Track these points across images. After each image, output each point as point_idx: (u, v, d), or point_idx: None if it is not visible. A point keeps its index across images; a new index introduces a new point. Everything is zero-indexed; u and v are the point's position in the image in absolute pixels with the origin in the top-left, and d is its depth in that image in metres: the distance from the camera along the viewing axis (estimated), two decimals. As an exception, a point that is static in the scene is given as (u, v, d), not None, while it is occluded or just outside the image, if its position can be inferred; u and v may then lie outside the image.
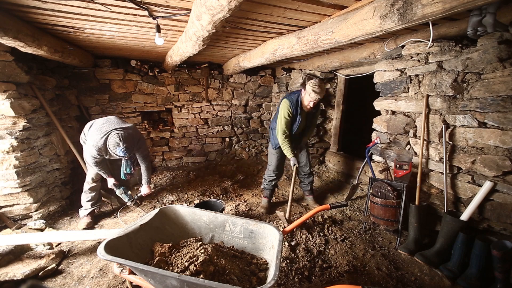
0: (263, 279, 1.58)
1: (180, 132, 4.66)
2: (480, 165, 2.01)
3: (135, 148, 2.65)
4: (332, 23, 2.01)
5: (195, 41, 2.23)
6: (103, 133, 2.48)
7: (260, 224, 1.85)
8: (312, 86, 2.55)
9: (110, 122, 2.62)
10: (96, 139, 2.48)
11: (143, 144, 2.80)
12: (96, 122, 2.67)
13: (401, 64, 2.54)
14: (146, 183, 2.94)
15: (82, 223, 2.74)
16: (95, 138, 2.49)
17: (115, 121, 2.68)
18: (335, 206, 1.92)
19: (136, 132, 2.73)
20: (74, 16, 2.09)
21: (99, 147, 2.48)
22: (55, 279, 1.98)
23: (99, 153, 2.55)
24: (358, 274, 2.04)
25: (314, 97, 2.56)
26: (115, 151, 2.44)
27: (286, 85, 4.55)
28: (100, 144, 2.47)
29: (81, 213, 2.82)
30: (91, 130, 2.61)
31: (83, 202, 2.81)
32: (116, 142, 2.40)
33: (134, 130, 2.70)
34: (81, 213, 2.82)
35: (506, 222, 1.93)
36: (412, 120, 2.52)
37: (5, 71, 2.47)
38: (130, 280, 1.62)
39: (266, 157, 4.97)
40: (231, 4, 1.44)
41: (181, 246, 1.78)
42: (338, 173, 3.94)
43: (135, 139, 2.63)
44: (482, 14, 1.77)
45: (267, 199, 3.15)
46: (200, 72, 4.55)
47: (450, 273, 1.97)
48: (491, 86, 1.90)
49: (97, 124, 2.62)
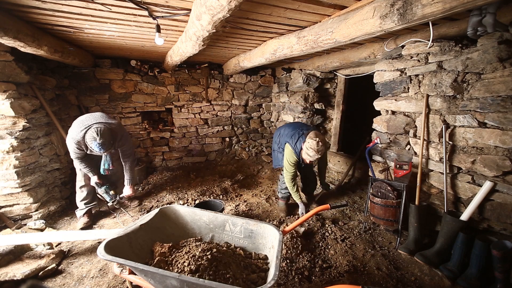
0: (263, 279, 1.57)
1: (180, 132, 4.66)
2: (480, 165, 2.01)
3: (117, 145, 2.57)
4: (332, 23, 2.01)
5: (195, 41, 2.23)
6: (83, 126, 2.40)
7: (260, 224, 1.85)
8: (307, 148, 2.46)
9: (94, 117, 2.54)
10: (75, 132, 2.40)
11: (126, 142, 2.71)
12: (81, 117, 2.58)
13: (401, 64, 2.53)
14: (129, 183, 2.86)
15: (79, 223, 2.73)
16: (75, 130, 2.42)
17: (99, 116, 2.59)
18: (335, 206, 1.92)
19: (120, 129, 2.65)
20: (74, 16, 2.09)
21: (78, 140, 2.40)
22: (55, 279, 1.98)
23: (79, 147, 2.46)
24: (358, 274, 2.04)
25: (308, 158, 2.50)
26: (91, 145, 2.34)
27: (286, 85, 4.55)
28: (79, 137, 2.38)
29: (77, 213, 2.81)
30: (73, 124, 2.52)
31: (78, 202, 2.79)
32: (93, 137, 2.31)
33: (118, 126, 2.63)
34: (77, 214, 2.81)
35: (506, 222, 1.93)
36: (412, 120, 2.52)
37: (5, 71, 2.47)
38: (130, 280, 1.62)
39: (266, 157, 4.98)
40: (231, 4, 1.44)
41: (181, 246, 1.78)
42: (338, 173, 3.94)
43: (117, 135, 2.55)
44: (482, 14, 1.77)
45: (284, 201, 3.09)
46: (200, 72, 4.55)
47: (450, 273, 1.97)
48: (491, 86, 1.90)
49: (81, 118, 2.53)
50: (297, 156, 2.63)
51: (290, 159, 2.65)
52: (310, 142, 2.46)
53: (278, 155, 2.95)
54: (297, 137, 2.63)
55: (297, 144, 2.61)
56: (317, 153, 2.43)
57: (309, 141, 2.47)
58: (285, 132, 2.87)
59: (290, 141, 2.67)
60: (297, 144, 2.61)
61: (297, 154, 2.63)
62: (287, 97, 4.57)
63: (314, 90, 4.12)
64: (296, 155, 2.63)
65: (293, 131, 2.73)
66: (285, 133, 2.83)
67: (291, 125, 2.94)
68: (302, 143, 2.58)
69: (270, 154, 5.02)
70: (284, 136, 2.81)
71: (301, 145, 2.59)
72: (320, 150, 2.45)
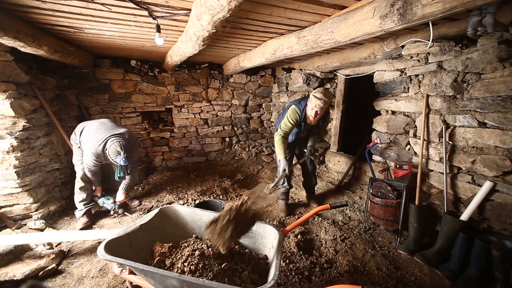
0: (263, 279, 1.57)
1: (180, 132, 4.66)
2: (480, 165, 2.01)
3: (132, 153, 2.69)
4: (332, 23, 2.01)
5: (195, 41, 2.23)
6: (100, 140, 2.51)
7: (260, 224, 1.84)
8: (315, 93, 2.41)
9: (105, 127, 2.62)
10: (94, 147, 2.50)
11: (136, 149, 2.83)
12: (90, 127, 2.67)
13: (401, 64, 2.53)
14: (123, 188, 2.96)
15: (79, 224, 2.73)
16: (93, 145, 2.51)
17: (109, 125, 2.68)
18: (335, 206, 1.92)
19: (131, 137, 2.76)
20: (74, 16, 2.09)
21: (98, 153, 2.51)
22: (55, 279, 1.98)
23: (98, 160, 2.58)
24: (358, 274, 2.04)
25: (316, 104, 2.39)
26: (115, 159, 2.47)
27: (286, 85, 4.55)
28: (99, 151, 2.50)
29: (77, 214, 2.82)
30: (86, 137, 2.61)
31: (76, 203, 2.81)
32: (117, 151, 2.44)
33: (129, 135, 2.73)
34: (77, 214, 2.82)
35: (506, 222, 1.93)
36: (412, 120, 2.52)
37: (5, 71, 2.47)
38: (130, 280, 1.62)
39: (266, 157, 4.98)
40: (231, 4, 1.44)
41: (181, 246, 1.78)
42: (338, 173, 3.94)
43: (131, 144, 2.66)
44: (482, 14, 1.77)
45: (284, 201, 3.07)
46: (200, 72, 4.55)
47: (450, 273, 1.97)
48: (491, 86, 1.90)
49: (92, 130, 2.61)
50: (299, 115, 2.57)
51: (291, 115, 2.56)
52: (315, 92, 2.44)
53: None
54: (301, 99, 2.67)
55: (301, 102, 2.59)
56: (325, 96, 2.38)
57: (315, 92, 2.44)
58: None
59: (294, 101, 2.67)
60: (301, 102, 2.60)
61: (301, 112, 2.56)
62: (287, 97, 4.57)
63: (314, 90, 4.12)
64: (300, 112, 2.56)
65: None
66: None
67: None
68: (307, 101, 2.54)
69: (270, 154, 5.03)
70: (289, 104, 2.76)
71: (305, 103, 2.55)
72: (325, 97, 2.39)
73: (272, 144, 5.29)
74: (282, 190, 2.84)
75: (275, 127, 2.97)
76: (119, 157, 2.45)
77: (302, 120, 2.61)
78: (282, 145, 2.56)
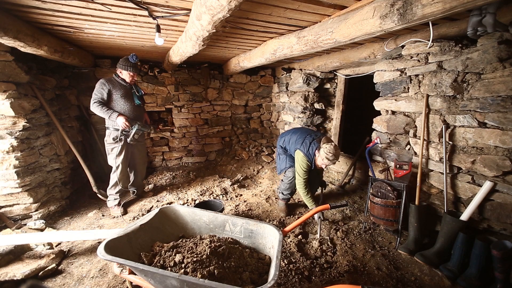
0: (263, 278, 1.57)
1: (180, 132, 4.66)
2: (480, 165, 2.01)
3: None
4: (332, 23, 2.01)
5: (195, 41, 2.23)
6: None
7: (260, 224, 1.85)
8: (327, 153, 2.47)
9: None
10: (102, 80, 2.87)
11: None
12: None
13: (401, 64, 2.53)
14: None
15: (117, 212, 3.01)
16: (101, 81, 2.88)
17: None
18: (335, 206, 1.92)
19: None
20: (74, 16, 2.09)
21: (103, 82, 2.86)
22: (55, 279, 1.98)
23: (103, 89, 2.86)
24: (358, 274, 2.04)
25: (327, 163, 2.52)
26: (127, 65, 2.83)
27: (286, 85, 4.55)
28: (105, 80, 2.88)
29: (110, 203, 3.07)
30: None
31: (113, 194, 3.04)
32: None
33: None
34: (110, 204, 3.07)
35: (506, 222, 1.93)
36: (412, 120, 2.52)
37: (5, 71, 2.47)
38: (130, 280, 1.62)
39: (266, 157, 4.98)
40: (231, 4, 1.44)
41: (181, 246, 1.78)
42: (338, 173, 3.94)
43: None
44: (482, 14, 1.77)
45: (284, 202, 3.08)
46: (200, 72, 4.55)
47: (450, 273, 1.97)
48: (491, 86, 1.90)
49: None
50: (310, 162, 2.67)
51: (303, 165, 2.67)
52: (327, 147, 2.49)
53: (283, 162, 2.98)
54: (308, 144, 2.68)
55: (310, 151, 2.65)
56: (336, 157, 2.49)
57: (326, 147, 2.50)
58: (291, 139, 2.88)
59: (301, 148, 2.69)
60: (309, 150, 2.65)
61: (310, 160, 2.66)
62: (287, 97, 4.57)
63: (314, 90, 4.12)
64: (309, 160, 2.66)
65: (301, 138, 2.76)
66: (293, 141, 2.85)
67: (296, 131, 2.94)
68: (315, 150, 2.63)
69: (270, 154, 5.02)
70: (293, 144, 2.83)
71: (313, 151, 2.64)
72: (338, 154, 2.52)
73: (272, 144, 5.30)
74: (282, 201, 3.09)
75: (276, 151, 3.16)
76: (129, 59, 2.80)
77: (312, 166, 2.71)
78: (310, 199, 2.78)
